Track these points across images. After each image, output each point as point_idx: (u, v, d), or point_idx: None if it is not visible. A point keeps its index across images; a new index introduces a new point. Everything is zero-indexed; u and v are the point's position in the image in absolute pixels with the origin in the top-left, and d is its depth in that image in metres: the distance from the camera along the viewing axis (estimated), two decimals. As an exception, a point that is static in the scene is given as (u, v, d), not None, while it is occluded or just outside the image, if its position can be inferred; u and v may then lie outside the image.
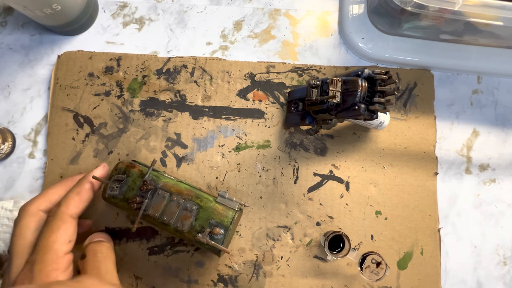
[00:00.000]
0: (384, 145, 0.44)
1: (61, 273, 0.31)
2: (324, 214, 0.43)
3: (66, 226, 0.33)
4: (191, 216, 0.36)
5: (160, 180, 0.37)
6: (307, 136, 0.44)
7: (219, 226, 0.36)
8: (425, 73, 0.46)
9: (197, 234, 0.35)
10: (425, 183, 0.44)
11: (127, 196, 0.37)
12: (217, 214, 0.36)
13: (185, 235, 0.36)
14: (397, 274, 0.42)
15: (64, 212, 0.33)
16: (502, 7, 0.36)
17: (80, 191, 0.35)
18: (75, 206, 0.34)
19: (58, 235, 0.32)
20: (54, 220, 0.33)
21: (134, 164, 0.38)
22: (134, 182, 0.37)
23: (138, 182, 0.37)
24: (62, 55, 0.45)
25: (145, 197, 0.36)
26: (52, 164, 0.43)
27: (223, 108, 0.45)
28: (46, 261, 0.31)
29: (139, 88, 0.45)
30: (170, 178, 0.38)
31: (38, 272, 0.30)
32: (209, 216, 0.36)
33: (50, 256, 0.31)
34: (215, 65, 0.45)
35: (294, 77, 0.45)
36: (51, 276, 0.30)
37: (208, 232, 0.35)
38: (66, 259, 0.32)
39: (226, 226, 0.36)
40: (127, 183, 0.37)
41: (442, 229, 0.43)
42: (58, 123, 0.44)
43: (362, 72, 0.34)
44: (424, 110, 0.45)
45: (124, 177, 0.37)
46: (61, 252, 0.32)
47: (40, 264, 0.31)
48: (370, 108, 0.33)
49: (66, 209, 0.33)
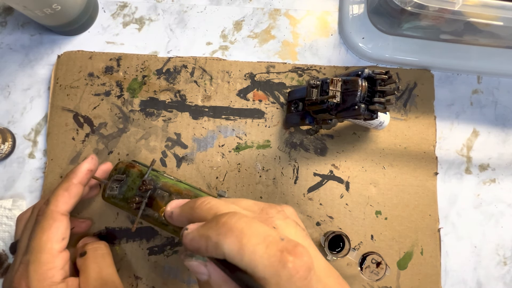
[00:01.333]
0: (384, 145, 0.44)
1: (57, 271, 0.31)
2: (324, 214, 0.43)
3: (57, 224, 0.32)
4: None
5: (160, 180, 0.37)
6: (307, 136, 0.44)
7: None
8: (425, 73, 0.46)
9: None
10: (425, 183, 0.44)
11: (126, 196, 0.37)
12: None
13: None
14: (397, 274, 0.42)
15: (54, 210, 0.33)
16: (502, 7, 0.36)
17: (68, 186, 0.34)
18: (64, 202, 0.33)
19: (50, 234, 0.32)
20: (45, 219, 0.32)
21: (134, 164, 0.38)
22: (133, 182, 0.37)
23: (138, 182, 0.37)
24: (62, 55, 0.45)
25: (144, 197, 0.36)
26: (52, 164, 0.43)
27: (223, 108, 0.45)
28: (41, 261, 0.30)
29: (139, 88, 0.45)
30: (169, 178, 0.38)
31: (33, 272, 0.30)
32: None
33: (44, 256, 0.31)
34: (215, 65, 0.45)
35: (294, 77, 0.45)
36: (47, 275, 0.30)
37: None
38: (61, 257, 0.32)
39: None
40: (127, 183, 0.37)
41: (442, 229, 0.43)
42: (58, 123, 0.44)
43: (362, 72, 0.34)
44: (424, 110, 0.45)
45: (124, 177, 0.37)
46: (55, 250, 0.31)
47: (34, 264, 0.30)
48: (370, 108, 0.33)
49: (56, 207, 0.33)
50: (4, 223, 0.41)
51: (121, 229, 0.42)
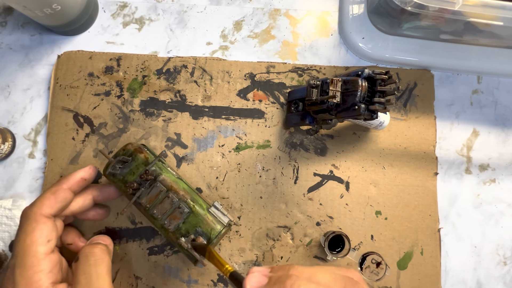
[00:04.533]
0: (384, 145, 0.44)
1: (45, 275, 0.30)
2: (324, 214, 0.43)
3: (40, 227, 0.31)
4: (180, 218, 0.36)
5: (162, 173, 0.37)
6: (307, 136, 0.44)
7: (203, 236, 0.35)
8: (425, 73, 0.46)
9: (180, 238, 0.35)
10: (425, 183, 0.44)
11: (126, 179, 0.37)
12: (205, 224, 0.36)
13: (169, 234, 0.36)
14: (397, 274, 0.42)
15: (37, 212, 0.32)
16: (502, 7, 0.36)
17: (56, 190, 0.34)
18: (49, 205, 0.32)
19: (34, 237, 0.31)
20: (28, 222, 0.31)
21: (142, 149, 0.38)
22: (137, 167, 0.37)
23: (141, 169, 0.37)
24: (62, 55, 0.45)
25: (143, 186, 0.36)
26: (52, 164, 0.43)
27: (223, 108, 0.45)
28: (27, 264, 0.29)
29: (139, 88, 0.45)
30: (172, 173, 0.38)
31: (19, 277, 0.29)
32: (198, 223, 0.36)
33: (29, 259, 0.30)
34: (215, 65, 0.45)
35: (294, 77, 0.45)
36: (33, 279, 0.29)
37: (192, 239, 0.35)
38: (49, 259, 0.31)
39: (210, 238, 0.35)
40: (130, 166, 0.37)
41: (442, 229, 0.43)
42: (58, 123, 0.44)
43: (362, 72, 0.33)
44: (424, 110, 0.45)
45: (129, 160, 0.37)
46: (40, 253, 0.30)
47: (20, 268, 0.29)
48: (370, 108, 0.33)
49: (39, 209, 0.32)
50: (4, 223, 0.41)
51: (121, 229, 0.42)
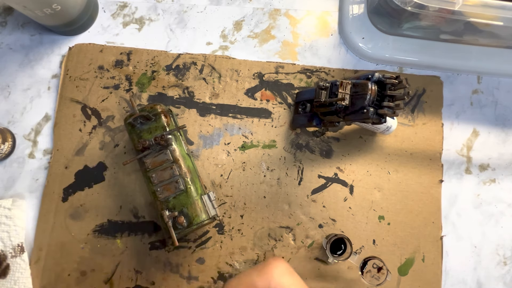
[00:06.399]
0: (390, 150, 0.44)
1: None
2: (327, 217, 0.43)
3: None
4: (173, 192, 0.36)
5: (175, 144, 0.38)
6: (313, 138, 0.44)
7: (186, 218, 0.36)
8: (434, 80, 0.46)
9: (166, 210, 0.36)
10: (429, 190, 0.44)
11: (141, 135, 0.38)
12: (193, 208, 0.36)
13: (156, 202, 0.37)
14: (397, 280, 0.42)
15: None
16: (502, 7, 0.36)
17: None
18: None
19: None
20: None
21: (168, 114, 0.39)
22: (155, 128, 0.38)
23: (159, 131, 0.38)
24: (74, 47, 0.45)
25: (153, 148, 0.37)
26: (58, 154, 0.43)
27: (230, 106, 0.45)
28: None
29: (148, 83, 0.45)
30: (184, 148, 0.39)
31: None
32: (186, 204, 0.36)
33: None
34: (224, 63, 0.46)
35: (302, 78, 0.45)
36: None
37: (174, 216, 0.35)
38: None
39: (192, 223, 0.36)
40: (150, 125, 0.38)
41: (443, 232, 0.43)
42: (66, 114, 0.44)
43: (372, 75, 0.33)
44: (431, 117, 0.45)
45: (152, 119, 0.38)
46: None
47: None
48: (379, 112, 0.33)
49: None
50: (3, 223, 0.41)
51: (124, 222, 0.42)
